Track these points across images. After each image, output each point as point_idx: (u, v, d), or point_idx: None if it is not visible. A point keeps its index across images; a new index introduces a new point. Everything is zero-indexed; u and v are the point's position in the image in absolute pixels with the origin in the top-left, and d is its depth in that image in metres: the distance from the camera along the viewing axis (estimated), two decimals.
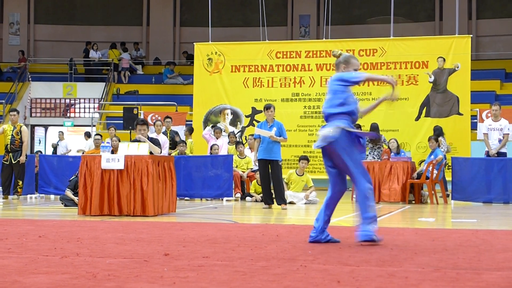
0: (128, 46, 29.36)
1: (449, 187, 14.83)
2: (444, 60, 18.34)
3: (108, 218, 9.87)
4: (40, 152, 20.46)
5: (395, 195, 14.32)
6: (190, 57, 27.08)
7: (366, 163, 14.80)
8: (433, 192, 14.39)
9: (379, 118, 17.72)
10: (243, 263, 5.20)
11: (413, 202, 14.55)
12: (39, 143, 27.05)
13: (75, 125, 26.26)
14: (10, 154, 14.79)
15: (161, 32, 30.99)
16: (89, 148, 21.27)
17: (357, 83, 7.07)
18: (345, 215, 10.91)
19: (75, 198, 12.12)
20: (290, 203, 13.77)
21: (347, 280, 4.48)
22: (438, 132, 16.29)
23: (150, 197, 10.26)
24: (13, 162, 14.78)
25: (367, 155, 15.80)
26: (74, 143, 23.23)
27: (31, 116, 26.27)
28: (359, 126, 16.47)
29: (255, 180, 15.32)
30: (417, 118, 18.51)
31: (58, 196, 14.22)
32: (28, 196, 15.53)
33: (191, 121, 20.22)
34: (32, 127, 26.55)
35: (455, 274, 4.74)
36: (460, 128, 18.10)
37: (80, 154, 19.55)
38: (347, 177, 6.73)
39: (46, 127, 27.12)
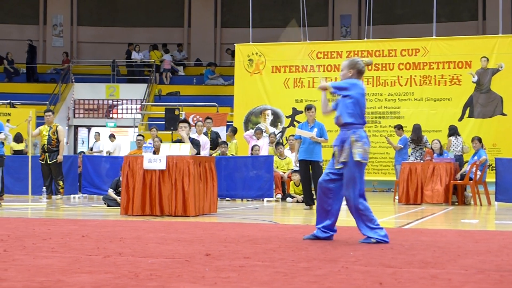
0: (170, 48, 29.57)
1: (492, 188, 14.63)
2: (488, 60, 18.12)
3: (150, 218, 9.94)
4: (84, 152, 20.69)
5: (438, 196, 14.16)
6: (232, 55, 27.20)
7: (409, 164, 14.68)
8: (476, 193, 14.22)
9: (421, 119, 17.58)
10: (284, 264, 5.19)
11: (456, 203, 14.38)
12: (82, 143, 27.36)
13: (117, 126, 26.50)
14: (46, 154, 14.95)
15: (202, 33, 31.14)
16: (114, 149, 21.51)
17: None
18: (387, 217, 10.83)
19: (118, 198, 12.24)
20: None
21: (389, 282, 4.45)
22: (452, 132, 16.15)
23: (191, 197, 10.30)
24: (49, 162, 14.94)
25: (409, 155, 15.67)
26: (117, 143, 23.47)
27: (74, 117, 26.58)
28: (400, 127, 16.37)
29: (292, 181, 15.30)
30: (460, 119, 18.31)
31: (101, 196, 14.38)
32: (71, 196, 15.72)
33: (232, 121, 20.28)
34: (75, 128, 26.87)
35: (498, 276, 4.67)
36: (504, 128, 17.85)
37: (107, 155, 19.76)
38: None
39: (89, 128, 27.43)
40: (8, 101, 23.88)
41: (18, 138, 19.41)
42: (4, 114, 21.77)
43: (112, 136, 22.16)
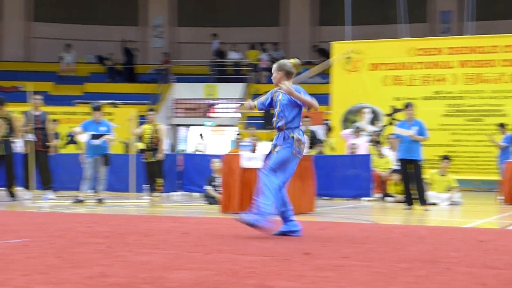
0: (267, 47, 29.71)
1: None
2: None
3: None
4: (184, 151, 21.06)
5: None
6: (325, 55, 27.07)
7: None
8: None
9: None
10: (383, 264, 5.13)
11: None
12: (182, 142, 27.84)
13: (217, 125, 26.84)
14: (148, 152, 15.26)
15: (299, 31, 31.15)
16: (204, 147, 21.81)
17: None
18: (491, 217, 10.56)
19: (218, 195, 12.38)
20: (433, 204, 13.47)
21: (493, 283, 4.34)
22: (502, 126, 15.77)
23: (289, 196, 10.30)
24: (151, 160, 15.24)
25: None
26: (216, 143, 23.79)
27: (174, 116, 27.08)
28: (504, 125, 15.93)
29: (393, 180, 15.10)
30: None
31: (201, 194, 14.60)
32: (171, 193, 16.01)
33: (329, 120, 20.19)
34: (175, 127, 27.38)
35: None
36: None
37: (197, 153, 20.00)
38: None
39: (188, 127, 27.87)
40: (111, 101, 24.55)
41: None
42: (107, 114, 22.40)
43: (202, 135, 22.48)
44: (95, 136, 13.31)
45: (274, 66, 7.41)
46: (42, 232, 7.18)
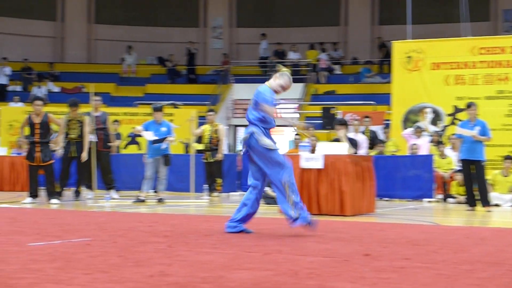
0: (326, 46, 29.60)
1: None
2: None
3: None
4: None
5: None
6: (386, 51, 26.85)
7: None
8: None
9: None
10: (446, 266, 5.06)
11: None
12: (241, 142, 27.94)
13: (276, 126, 26.80)
14: (208, 152, 15.36)
15: (359, 31, 30.94)
16: None
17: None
18: None
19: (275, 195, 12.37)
20: (495, 205, 13.22)
21: None
22: None
23: (349, 196, 10.26)
24: (211, 161, 15.33)
25: None
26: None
27: (233, 117, 27.19)
28: None
29: (456, 181, 14.87)
30: None
31: None
32: (231, 193, 16.08)
33: (389, 120, 19.99)
34: (235, 127, 27.49)
35: None
36: None
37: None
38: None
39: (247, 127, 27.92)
40: (171, 102, 24.78)
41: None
42: (168, 115, 22.63)
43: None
44: (156, 141, 13.45)
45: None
46: (104, 231, 7.29)
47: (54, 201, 12.68)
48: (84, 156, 13.44)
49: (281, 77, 7.70)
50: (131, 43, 30.70)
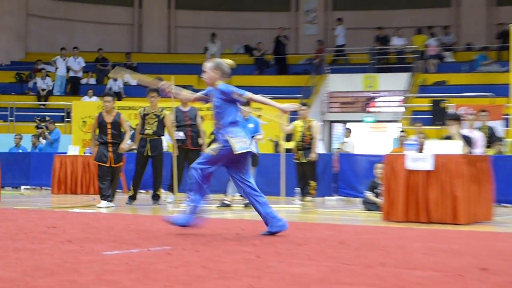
0: (436, 31, 29.16)
1: None
2: None
3: (415, 225, 9.86)
4: (339, 150, 21.04)
5: None
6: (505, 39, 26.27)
7: None
8: None
9: None
10: None
11: None
12: (338, 140, 27.81)
13: (377, 121, 26.61)
14: (300, 152, 15.29)
15: (474, 13, 30.38)
16: (351, 147, 21.53)
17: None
18: None
19: (379, 201, 12.26)
20: None
21: None
22: None
23: (463, 202, 10.07)
24: (303, 161, 15.26)
25: None
26: (376, 141, 23.59)
27: (328, 111, 27.07)
28: None
29: None
30: None
31: (357, 199, 14.53)
32: (326, 198, 16.02)
33: (509, 114, 19.56)
34: (330, 123, 27.37)
35: None
36: None
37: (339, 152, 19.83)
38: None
39: (344, 123, 27.81)
40: (259, 95, 24.90)
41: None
42: (255, 109, 22.75)
43: (348, 131, 22.37)
44: None
45: (210, 65, 8.14)
46: (185, 239, 7.37)
47: (103, 204, 12.92)
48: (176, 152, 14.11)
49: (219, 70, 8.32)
50: (215, 30, 30.98)
